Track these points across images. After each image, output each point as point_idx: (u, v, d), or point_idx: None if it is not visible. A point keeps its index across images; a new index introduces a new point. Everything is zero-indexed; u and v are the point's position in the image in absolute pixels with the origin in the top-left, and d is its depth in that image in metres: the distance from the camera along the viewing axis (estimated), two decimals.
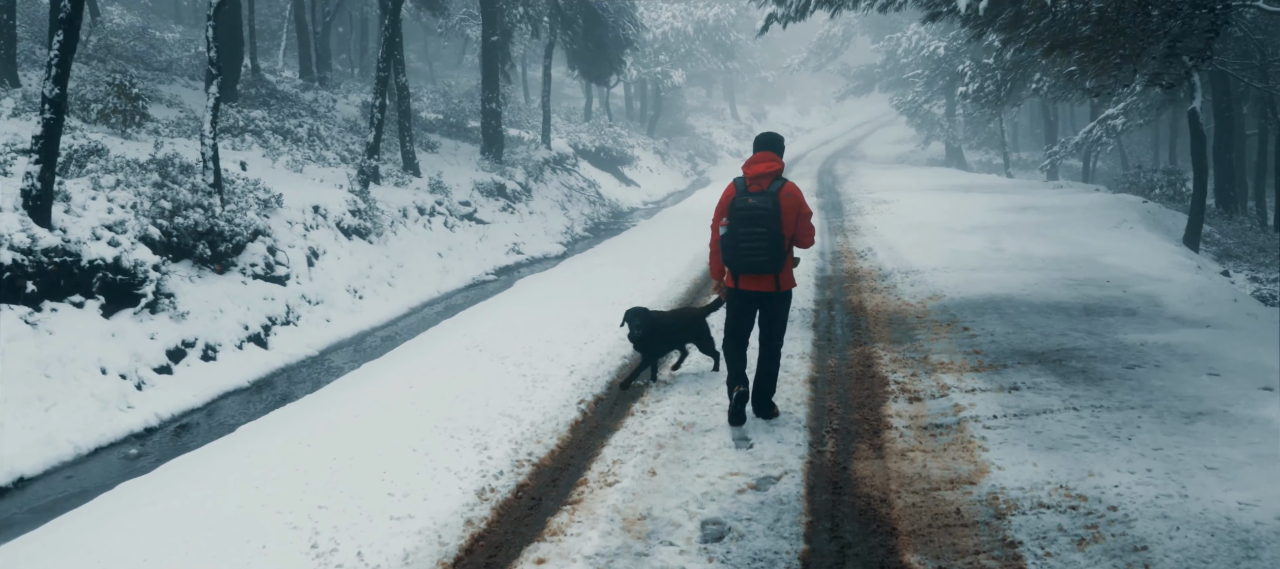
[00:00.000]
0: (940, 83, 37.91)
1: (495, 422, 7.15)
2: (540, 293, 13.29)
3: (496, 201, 21.82)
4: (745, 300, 7.10)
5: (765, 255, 6.75)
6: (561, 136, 34.97)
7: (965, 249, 16.45)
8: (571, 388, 8.17)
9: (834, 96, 61.60)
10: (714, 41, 48.51)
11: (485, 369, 8.71)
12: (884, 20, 51.05)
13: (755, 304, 7.11)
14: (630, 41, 27.05)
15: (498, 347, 9.62)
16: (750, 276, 6.96)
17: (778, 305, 7.09)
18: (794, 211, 6.84)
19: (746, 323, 7.20)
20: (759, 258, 6.77)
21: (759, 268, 6.82)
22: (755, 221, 6.71)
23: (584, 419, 7.54)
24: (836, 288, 13.51)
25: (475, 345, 9.73)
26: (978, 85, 20.13)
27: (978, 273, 14.03)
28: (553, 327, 10.60)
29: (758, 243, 6.73)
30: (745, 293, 7.06)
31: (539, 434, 6.98)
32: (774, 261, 6.78)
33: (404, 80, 20.52)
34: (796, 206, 6.85)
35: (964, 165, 47.63)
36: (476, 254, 18.03)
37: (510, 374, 8.52)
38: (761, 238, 6.72)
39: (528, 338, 10.02)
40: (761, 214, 6.70)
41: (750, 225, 6.73)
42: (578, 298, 12.56)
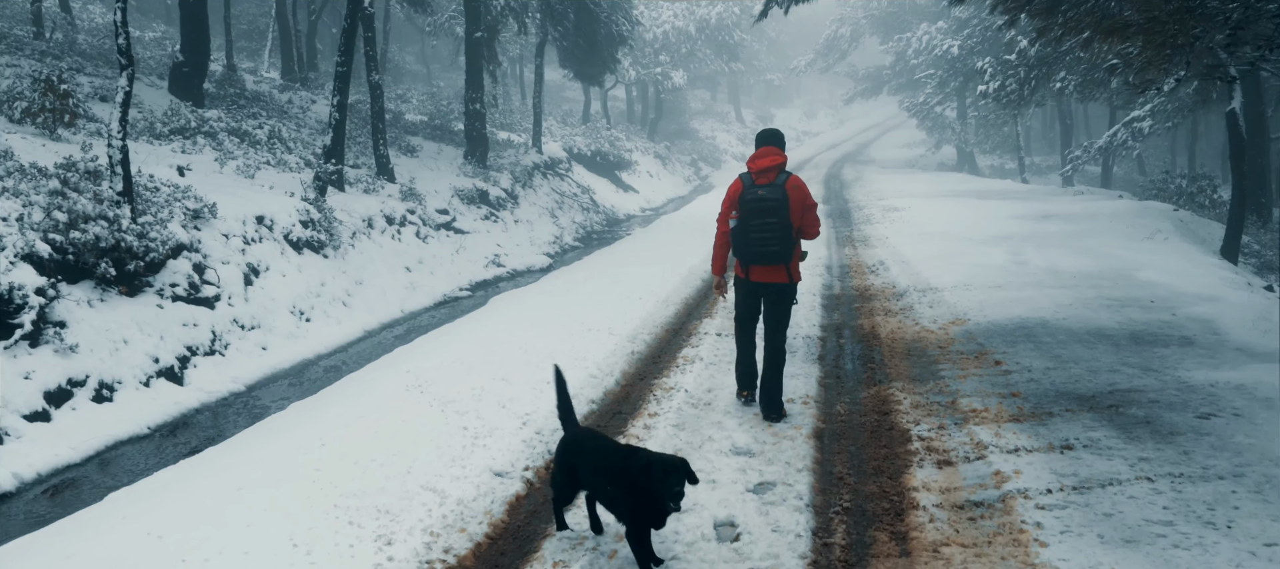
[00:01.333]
0: (953, 84, 36.35)
1: (413, 499, 5.64)
2: (509, 316, 11.78)
3: (478, 209, 20.33)
4: (754, 291, 7.32)
5: (776, 245, 6.96)
6: (556, 140, 33.47)
7: (986, 262, 14.94)
8: (520, 446, 6.66)
9: (841, 99, 59.97)
10: (717, 41, 46.92)
11: (420, 420, 7.19)
12: (893, 20, 49.54)
13: (763, 295, 7.29)
14: (624, 38, 25.50)
15: (443, 387, 8.12)
16: (761, 267, 7.14)
17: (785, 296, 7.25)
18: (800, 203, 7.04)
19: (755, 314, 7.46)
20: (770, 248, 6.96)
21: (770, 258, 7.01)
22: (766, 212, 6.92)
23: (529, 493, 6.03)
24: (846, 309, 11.99)
25: (418, 385, 8.22)
26: (999, 83, 18.60)
27: (1003, 291, 12.51)
28: (513, 361, 9.10)
29: (769, 234, 6.94)
30: (755, 284, 7.26)
31: (465, 518, 5.47)
32: (784, 251, 6.99)
33: (377, 78, 19.04)
34: (803, 197, 7.06)
35: (976, 170, 46.05)
36: (451, 267, 16.54)
37: (449, 427, 7.00)
38: (772, 228, 6.92)
39: (481, 375, 8.51)
40: (771, 205, 6.90)
41: (761, 217, 6.93)
42: (551, 323, 11.06)
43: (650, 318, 11.24)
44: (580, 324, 10.82)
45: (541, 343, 9.88)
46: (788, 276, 7.15)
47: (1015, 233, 18.63)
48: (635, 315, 11.30)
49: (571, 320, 11.12)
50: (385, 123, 19.16)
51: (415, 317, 13.81)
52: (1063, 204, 24.38)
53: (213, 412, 9.17)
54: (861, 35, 53.61)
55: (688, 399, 7.83)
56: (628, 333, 10.33)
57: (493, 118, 32.81)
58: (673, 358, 9.48)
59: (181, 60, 21.08)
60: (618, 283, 13.93)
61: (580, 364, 8.87)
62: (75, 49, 23.36)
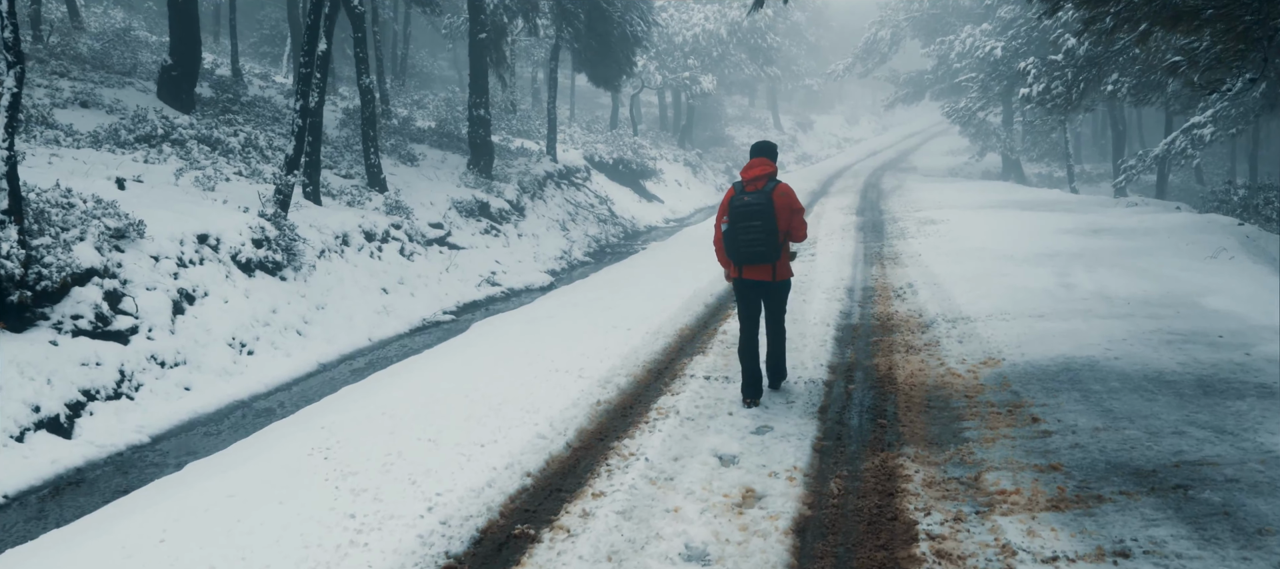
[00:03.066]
0: (996, 88, 34.49)
1: None
2: (475, 351, 10.40)
3: (477, 223, 19.01)
4: (749, 288, 8.08)
5: (762, 246, 7.67)
6: (576, 147, 32.16)
7: (1028, 286, 13.33)
8: (412, 544, 5.24)
9: (882, 104, 58.04)
10: (749, 44, 45.26)
11: (302, 501, 5.81)
12: (935, 22, 47.62)
13: (757, 291, 8.08)
14: (638, 40, 23.97)
15: (353, 452, 6.73)
16: (751, 267, 7.89)
17: (777, 292, 8.11)
18: (787, 208, 7.74)
19: (754, 308, 8.17)
20: (757, 249, 7.68)
21: (757, 258, 7.74)
22: (752, 216, 7.64)
23: None
24: (861, 344, 10.47)
25: (326, 447, 6.84)
26: (1043, 86, 16.94)
27: (1045, 321, 10.93)
28: (452, 414, 7.70)
29: (754, 235, 7.65)
30: (748, 281, 8.02)
31: None
32: (770, 251, 7.70)
33: (369, 82, 17.77)
34: (789, 203, 7.75)
35: (1022, 179, 44.07)
36: (437, 288, 15.21)
37: (334, 513, 5.62)
38: (757, 230, 7.63)
39: (406, 435, 7.12)
40: (757, 209, 7.61)
41: (748, 220, 7.65)
42: (518, 359, 9.68)
43: (632, 355, 9.79)
44: (548, 364, 9.41)
45: (496, 388, 8.48)
46: (773, 275, 7.90)
47: (1062, 250, 16.97)
48: (615, 352, 9.86)
49: (541, 357, 9.72)
50: (377, 130, 17.90)
51: (384, 346, 12.47)
52: (1115, 217, 22.59)
53: (97, 470, 7.81)
54: (902, 38, 51.66)
55: (646, 471, 6.38)
56: (600, 375, 8.89)
57: (509, 124, 31.56)
58: (645, 410, 8.03)
59: (170, 64, 20.04)
60: (609, 309, 12.51)
61: (531, 419, 7.45)
62: (68, 54, 22.42)
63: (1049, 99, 17.16)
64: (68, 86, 18.69)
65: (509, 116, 32.18)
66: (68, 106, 17.21)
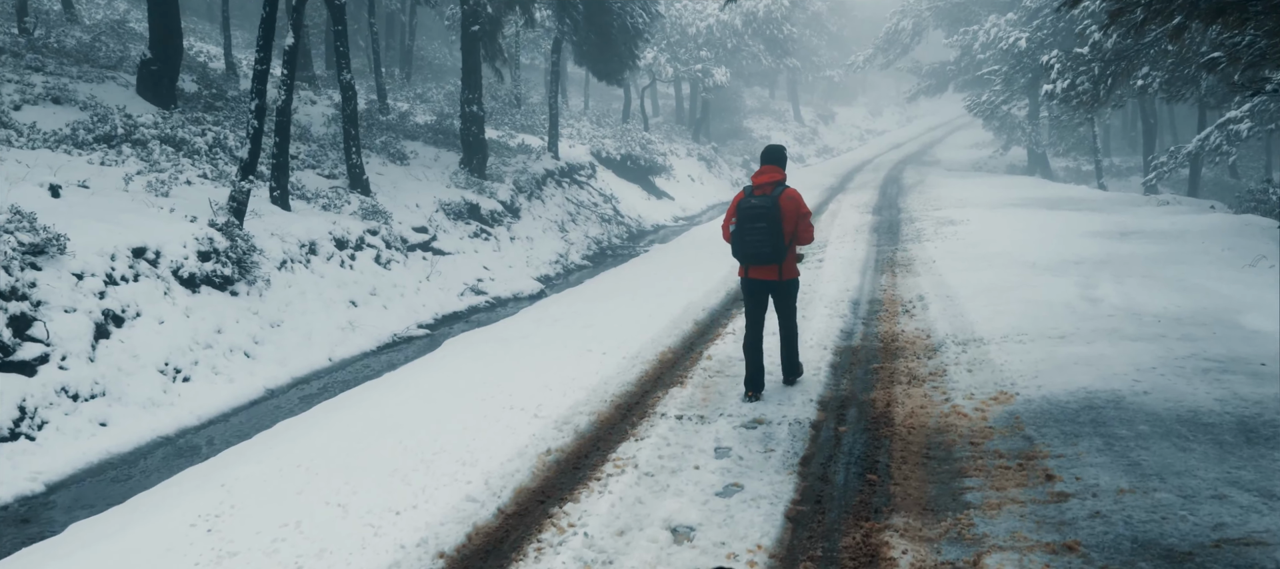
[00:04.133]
0: (1021, 81, 33.12)
1: None
2: (436, 379, 9.48)
3: (466, 226, 18.06)
4: (756, 287, 8.36)
5: (768, 247, 8.01)
6: (582, 143, 31.14)
7: (1049, 299, 12.28)
8: None
9: (898, 92, 56.63)
10: (766, 35, 43.96)
11: None
12: (959, 11, 46.23)
13: (764, 291, 8.36)
14: (640, 32, 22.85)
15: (238, 526, 5.80)
16: (758, 267, 8.22)
17: (784, 291, 8.36)
18: (794, 212, 8.09)
19: (760, 307, 8.42)
20: (762, 250, 8.03)
21: (763, 258, 8.07)
22: (757, 218, 7.99)
23: None
24: (860, 373, 9.44)
25: (209, 518, 5.91)
26: (1068, 82, 15.79)
27: (1067, 344, 9.88)
28: (376, 466, 6.77)
29: (760, 237, 8.00)
30: (755, 281, 8.32)
31: None
32: (775, 252, 8.04)
33: (349, 77, 16.84)
34: (796, 208, 8.10)
35: (1049, 174, 42.69)
36: (415, 299, 14.28)
37: None
38: (763, 232, 7.98)
39: (312, 499, 6.18)
40: (762, 212, 7.97)
41: (754, 222, 8.01)
42: (476, 390, 8.75)
43: (602, 387, 8.81)
44: (505, 399, 8.45)
45: (436, 431, 7.53)
46: (779, 274, 8.22)
47: (1088, 255, 15.86)
48: (583, 383, 8.89)
49: (500, 388, 8.78)
50: (359, 128, 16.97)
51: (345, 366, 11.53)
52: (1146, 217, 21.40)
53: None
54: (925, 29, 50.21)
55: (583, 552, 5.39)
56: (559, 414, 7.93)
57: (512, 120, 30.60)
58: (601, 461, 7.03)
59: (149, 57, 19.19)
60: (589, 327, 11.55)
61: (464, 475, 6.49)
62: (51, 47, 21.63)
63: (1074, 96, 16.00)
64: (41, 81, 17.88)
65: (513, 112, 31.23)
66: (39, 103, 16.38)
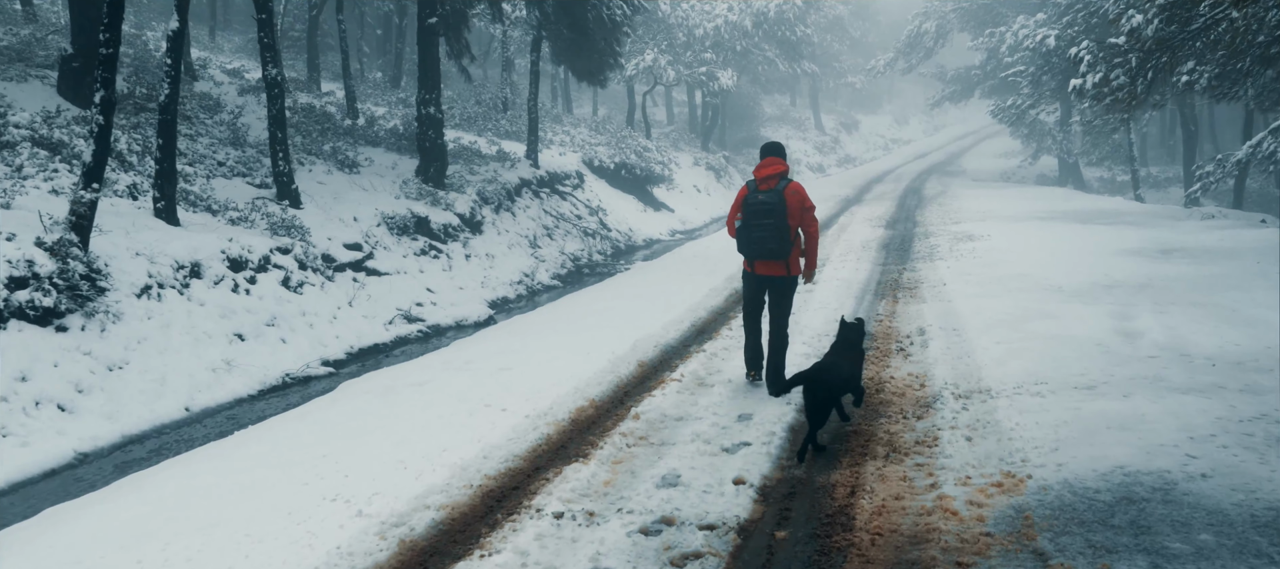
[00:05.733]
0: (1050, 83, 30.66)
1: None
2: (266, 448, 7.43)
3: (412, 242, 16.04)
4: (758, 283, 8.49)
5: (774, 242, 8.09)
6: (574, 151, 29.05)
7: (1075, 334, 10.13)
8: None
9: (924, 100, 54.12)
10: (777, 37, 41.66)
11: None
12: (986, 13, 43.82)
13: (765, 286, 8.47)
14: (620, 25, 20.51)
15: None
16: (763, 262, 8.32)
17: (784, 287, 8.42)
18: (798, 206, 8.13)
19: (758, 301, 8.59)
20: (769, 245, 8.11)
21: (769, 254, 8.17)
22: (764, 214, 8.07)
23: None
24: (825, 439, 7.30)
25: None
26: (1101, 75, 13.57)
27: (1096, 397, 7.75)
28: None
29: (767, 233, 8.07)
30: (759, 276, 8.43)
31: None
32: (782, 248, 8.11)
33: (275, 73, 14.87)
34: (800, 202, 8.14)
35: (1082, 184, 40.20)
36: (327, 329, 12.28)
37: None
38: (770, 228, 8.05)
39: None
40: (769, 208, 8.03)
41: (760, 218, 8.09)
42: (298, 469, 6.73)
43: (476, 463, 6.73)
44: (330, 486, 6.39)
45: (202, 542, 5.47)
46: (786, 270, 8.29)
47: (1124, 278, 13.67)
48: (454, 457, 6.83)
49: (335, 468, 6.72)
50: (286, 130, 14.99)
51: (205, 417, 9.47)
52: (1189, 233, 19.10)
53: None
54: (949, 32, 47.74)
55: None
56: (393, 512, 5.86)
57: (496, 126, 28.55)
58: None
59: (70, 53, 17.36)
60: (506, 369, 9.53)
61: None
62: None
63: (1108, 92, 13.76)
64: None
65: (497, 117, 29.21)
66: None
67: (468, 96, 32.09)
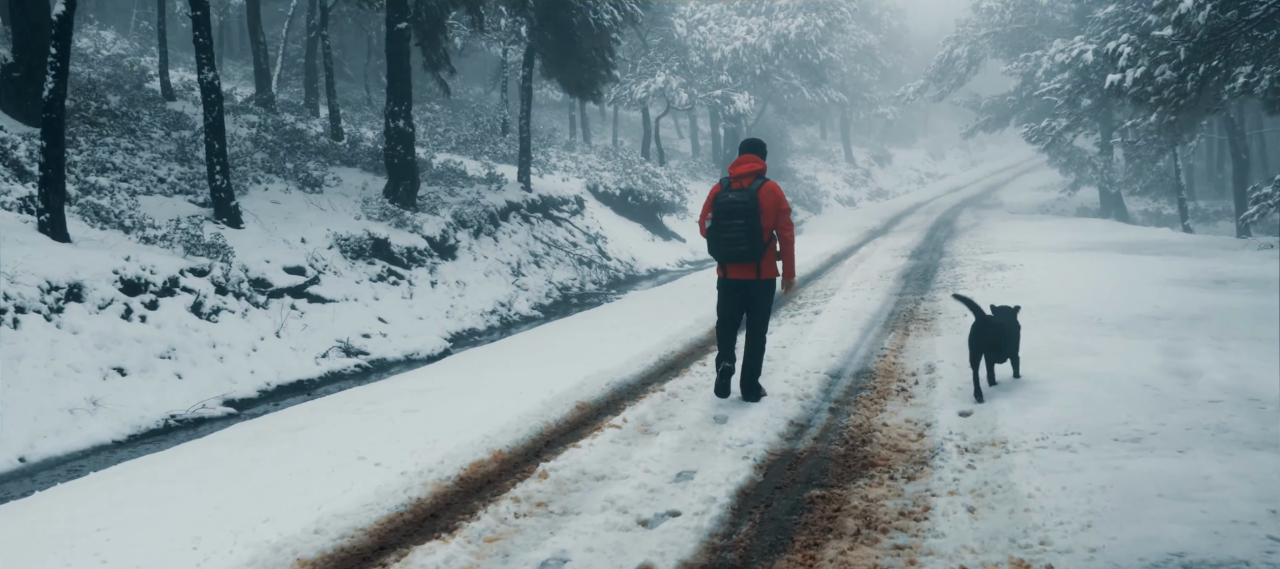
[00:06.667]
0: (1086, 101, 28.55)
1: None
2: (66, 505, 5.79)
3: (368, 266, 14.46)
4: (731, 288, 8.00)
5: (745, 245, 7.59)
6: (578, 176, 27.46)
7: (1117, 373, 8.35)
8: None
9: (960, 132, 51.93)
10: (798, 60, 39.95)
11: None
12: (1021, 37, 41.85)
13: (740, 291, 7.95)
14: (608, 30, 18.62)
15: None
16: (735, 265, 7.85)
17: (759, 292, 7.91)
18: (773, 207, 7.67)
19: (733, 307, 8.06)
20: (739, 247, 7.61)
21: (740, 257, 7.67)
22: (734, 214, 7.57)
23: None
24: (780, 509, 5.61)
25: None
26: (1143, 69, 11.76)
27: (1143, 453, 6.04)
28: None
29: (737, 234, 7.58)
30: (731, 280, 7.95)
31: None
32: (753, 250, 7.61)
33: (212, 76, 13.40)
34: (776, 202, 7.70)
35: (1125, 216, 38.02)
36: (242, 361, 10.68)
37: None
38: (740, 229, 7.55)
39: None
40: (739, 207, 7.54)
41: (730, 218, 7.59)
42: (105, 539, 5.10)
43: (297, 543, 5.04)
44: None
45: None
46: (758, 273, 7.77)
47: (1174, 309, 11.85)
48: (291, 523, 5.20)
49: (126, 546, 5.07)
50: (224, 141, 13.49)
51: (48, 467, 7.82)
52: (1247, 263, 17.19)
53: None
54: (982, 57, 45.68)
55: None
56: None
57: (495, 150, 27.00)
58: None
59: (11, 63, 16.03)
60: (412, 411, 7.89)
61: None
62: None
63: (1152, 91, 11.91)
64: None
65: (494, 139, 27.70)
66: None
67: (464, 119, 30.66)
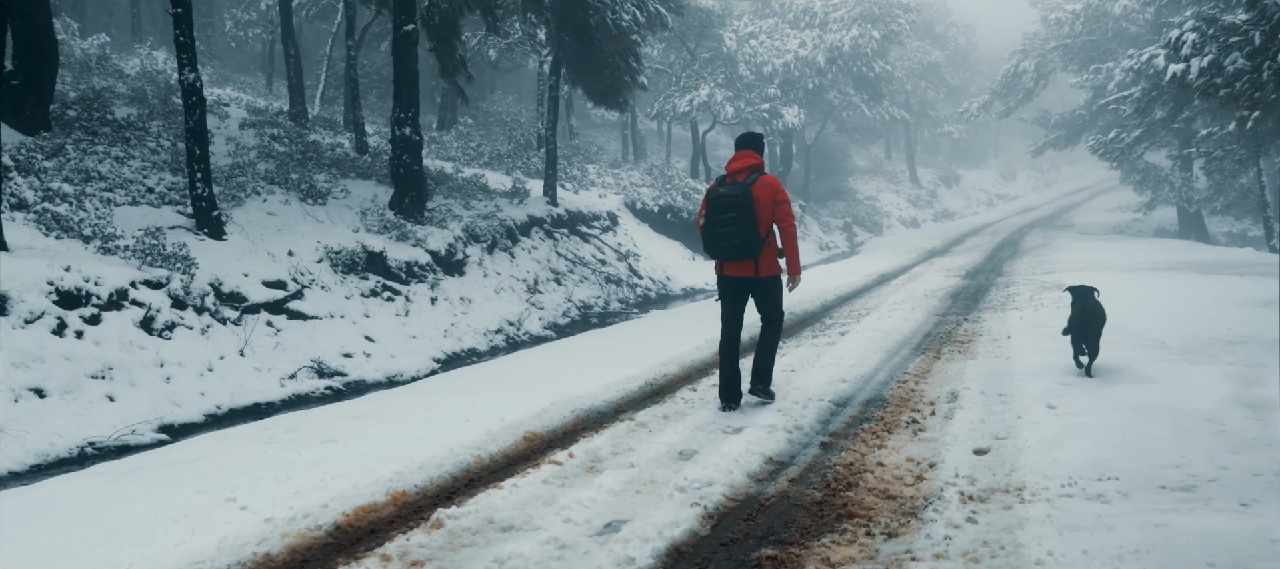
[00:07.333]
0: (1159, 111, 26.58)
1: None
2: None
3: (361, 281, 13.52)
4: (730, 286, 7.72)
5: (738, 239, 7.31)
6: (616, 192, 26.39)
7: (1175, 405, 7.06)
8: None
9: (1028, 150, 49.74)
10: (853, 73, 38.47)
11: None
12: (1092, 49, 39.83)
13: (741, 290, 7.70)
14: (626, 30, 17.43)
15: None
16: (732, 263, 7.56)
17: (764, 290, 7.61)
18: (769, 199, 7.40)
19: (735, 307, 7.79)
20: (733, 242, 7.34)
21: (734, 253, 7.40)
22: (726, 208, 7.31)
23: None
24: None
25: None
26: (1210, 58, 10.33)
27: (1193, 506, 4.88)
28: None
29: (729, 228, 7.29)
30: (730, 279, 7.67)
31: None
32: (748, 246, 7.32)
33: (192, 77, 12.62)
34: (772, 194, 7.42)
35: (1206, 237, 35.85)
36: (192, 383, 9.77)
37: None
38: (732, 223, 7.27)
39: None
40: (731, 201, 7.28)
41: (722, 212, 7.33)
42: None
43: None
44: None
45: None
46: (756, 270, 7.47)
47: (1251, 332, 10.46)
48: None
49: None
50: (206, 147, 12.68)
51: None
52: None
53: None
54: (1052, 71, 43.65)
55: None
56: None
57: (527, 164, 26.04)
58: None
59: (10, 70, 15.49)
60: (330, 441, 6.90)
61: None
62: None
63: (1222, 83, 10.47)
64: None
65: (528, 154, 26.74)
66: None
67: (500, 134, 29.78)
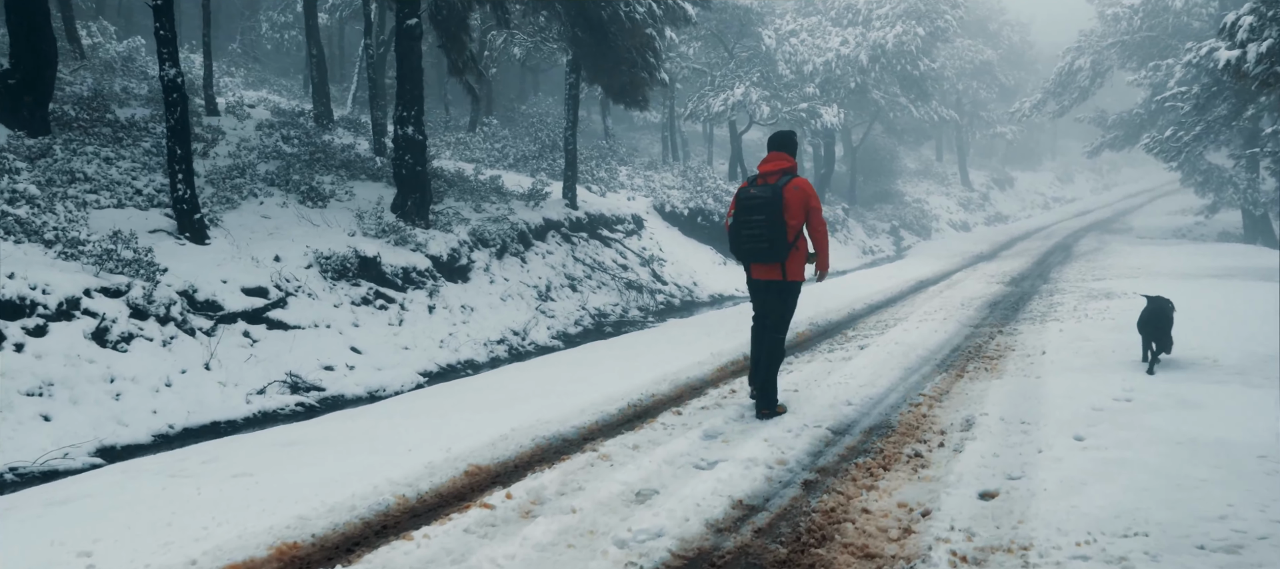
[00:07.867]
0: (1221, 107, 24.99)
1: None
2: None
3: (352, 288, 12.81)
4: (757, 289, 7.66)
5: (765, 242, 7.20)
6: (645, 195, 25.53)
7: (1224, 439, 6.13)
8: None
9: (1085, 150, 47.95)
10: (897, 71, 37.16)
11: None
12: (1151, 45, 38.19)
13: (765, 291, 7.58)
14: (639, 24, 16.43)
15: None
16: (759, 266, 7.48)
17: (783, 293, 7.47)
18: (801, 203, 7.23)
19: (764, 313, 7.69)
20: (760, 245, 7.25)
21: (761, 256, 7.31)
22: (754, 210, 7.21)
23: None
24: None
25: None
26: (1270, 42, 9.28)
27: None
28: None
29: (757, 230, 7.21)
30: (757, 281, 7.62)
31: None
32: (775, 250, 7.21)
33: (174, 74, 12.00)
34: (804, 198, 7.25)
35: (1273, 241, 34.09)
36: (142, 399, 9.10)
37: None
38: (760, 226, 7.17)
39: None
40: (760, 203, 7.17)
41: (749, 214, 7.24)
42: None
43: None
44: None
45: None
46: (782, 274, 7.34)
47: None
48: None
49: None
50: (189, 146, 12.05)
51: None
52: None
53: None
54: (1107, 69, 41.95)
55: None
56: None
57: (552, 166, 25.24)
58: None
59: (6, 69, 15.08)
60: (248, 475, 6.12)
61: None
62: None
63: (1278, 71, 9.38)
64: None
65: (554, 155, 25.93)
66: None
67: (526, 136, 29.05)
